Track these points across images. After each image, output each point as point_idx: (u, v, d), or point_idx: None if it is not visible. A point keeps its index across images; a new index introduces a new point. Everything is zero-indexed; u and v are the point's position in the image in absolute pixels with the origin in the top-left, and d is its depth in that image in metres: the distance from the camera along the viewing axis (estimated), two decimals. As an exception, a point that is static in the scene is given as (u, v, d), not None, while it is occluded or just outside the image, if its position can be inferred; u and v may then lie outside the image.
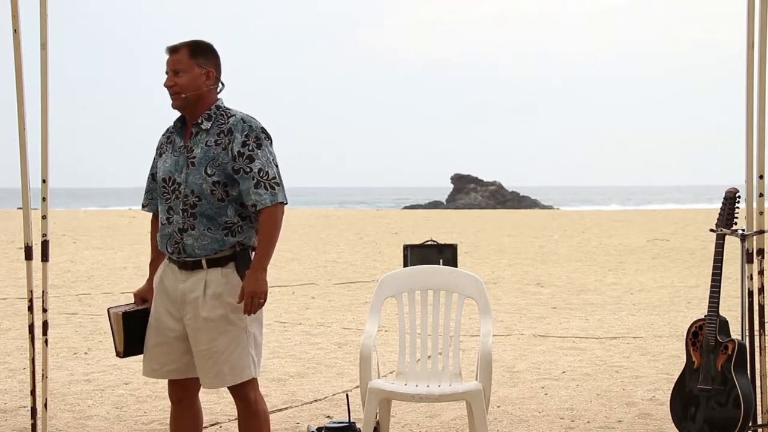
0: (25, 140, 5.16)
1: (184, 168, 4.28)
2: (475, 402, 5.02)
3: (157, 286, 4.42)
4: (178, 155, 4.32)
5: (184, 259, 4.28)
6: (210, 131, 4.29)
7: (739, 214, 5.33)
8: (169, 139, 4.42)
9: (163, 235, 4.35)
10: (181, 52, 4.30)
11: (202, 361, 4.31)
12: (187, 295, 4.29)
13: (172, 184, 4.31)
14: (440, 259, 8.06)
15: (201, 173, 4.24)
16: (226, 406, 6.56)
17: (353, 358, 8.12)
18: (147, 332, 4.42)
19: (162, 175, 4.35)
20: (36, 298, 5.33)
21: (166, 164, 4.35)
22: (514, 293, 13.18)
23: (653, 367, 7.89)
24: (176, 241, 4.28)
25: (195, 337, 4.30)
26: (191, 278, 4.28)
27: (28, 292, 5.30)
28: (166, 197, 4.32)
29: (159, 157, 4.44)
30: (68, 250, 19.78)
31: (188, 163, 4.27)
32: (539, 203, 58.26)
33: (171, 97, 4.32)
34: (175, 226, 4.28)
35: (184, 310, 4.31)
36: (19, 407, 6.53)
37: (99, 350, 8.77)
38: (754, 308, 5.28)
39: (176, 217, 4.28)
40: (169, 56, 4.33)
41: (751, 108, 5.24)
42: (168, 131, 4.46)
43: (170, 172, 4.32)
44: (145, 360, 4.45)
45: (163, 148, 4.43)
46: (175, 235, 4.28)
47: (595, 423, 6.13)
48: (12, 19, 5.15)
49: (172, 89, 4.30)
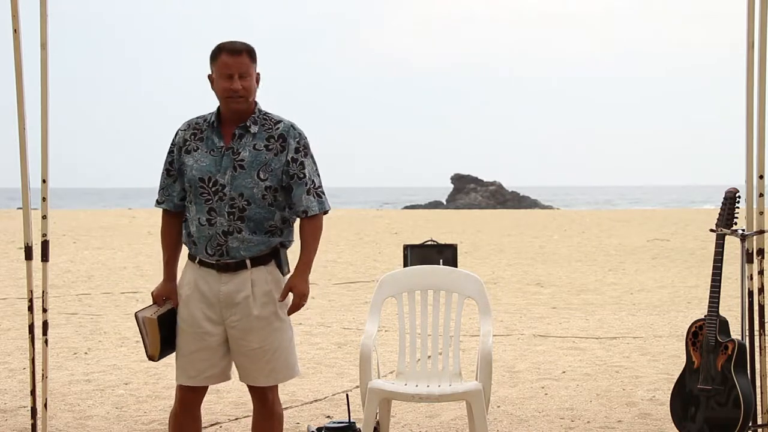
0: (25, 140, 5.16)
1: (229, 170, 4.23)
2: (475, 402, 5.02)
3: (190, 291, 4.31)
4: (219, 156, 4.25)
5: (225, 261, 4.25)
6: (258, 135, 4.27)
7: (739, 214, 5.33)
8: (196, 137, 4.31)
9: (201, 237, 4.25)
10: (243, 56, 4.24)
11: (254, 360, 4.30)
12: (233, 296, 4.25)
13: (213, 185, 4.23)
14: (440, 259, 8.06)
15: (252, 177, 4.23)
16: (226, 406, 6.56)
17: (353, 358, 8.12)
18: (182, 339, 4.33)
19: (198, 174, 4.25)
20: (36, 298, 5.33)
21: (203, 164, 4.26)
22: (514, 293, 13.18)
23: (653, 367, 7.89)
24: (219, 244, 4.23)
25: (245, 338, 4.27)
26: (235, 279, 4.26)
27: (28, 292, 5.30)
28: (206, 198, 4.23)
29: (187, 154, 4.29)
30: (68, 250, 19.78)
31: (235, 165, 4.22)
32: (539, 203, 58.24)
33: (235, 100, 4.23)
34: (219, 229, 4.22)
35: (228, 312, 4.27)
36: (19, 407, 6.53)
37: (99, 350, 8.77)
38: (754, 308, 5.28)
39: (220, 219, 4.22)
40: (230, 58, 4.23)
41: (751, 108, 5.24)
42: (191, 128, 4.34)
43: (210, 173, 4.24)
44: (180, 367, 4.35)
45: (191, 146, 4.30)
46: (219, 237, 4.23)
47: (595, 423, 6.13)
48: (12, 19, 5.15)
49: (238, 93, 4.24)
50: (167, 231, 4.43)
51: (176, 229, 4.41)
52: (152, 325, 4.29)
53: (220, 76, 4.23)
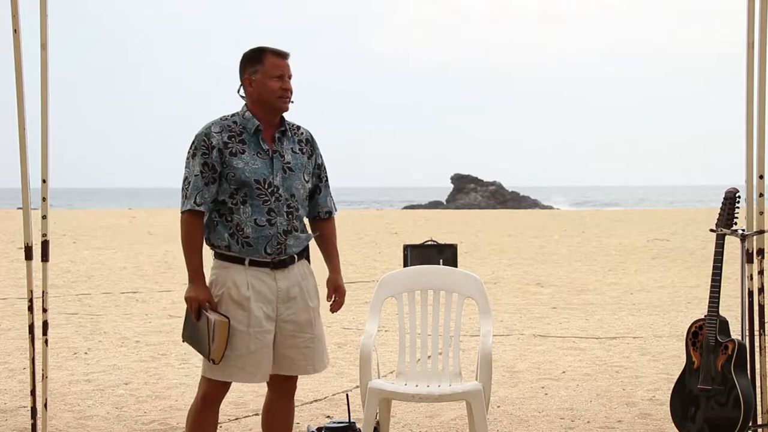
0: (25, 140, 5.16)
1: (279, 172, 4.36)
2: (475, 402, 5.02)
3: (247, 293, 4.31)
4: (268, 159, 4.35)
5: (280, 258, 4.37)
6: (291, 139, 4.46)
7: (739, 214, 5.33)
8: (236, 139, 4.33)
9: (259, 237, 4.31)
10: (288, 59, 4.43)
11: (305, 351, 4.45)
12: (290, 290, 4.40)
13: (268, 186, 4.32)
14: (440, 259, 8.06)
15: (300, 179, 4.43)
16: (226, 406, 6.56)
17: (353, 358, 8.12)
18: (240, 340, 4.30)
19: (252, 176, 4.30)
20: (36, 298, 5.33)
21: (254, 166, 4.32)
22: (514, 293, 13.18)
23: (653, 367, 7.89)
24: (279, 242, 4.35)
25: (301, 330, 4.43)
26: (288, 274, 4.40)
27: (28, 292, 5.29)
28: (264, 199, 4.32)
29: (232, 156, 4.30)
30: (68, 250, 19.78)
31: (284, 168, 4.37)
32: (539, 203, 58.25)
33: (285, 100, 4.38)
34: (279, 228, 4.35)
35: (283, 307, 4.38)
36: (19, 407, 6.53)
37: (99, 350, 8.77)
38: (754, 308, 5.28)
39: (280, 219, 4.35)
40: (280, 60, 4.39)
41: (751, 108, 5.24)
42: (226, 130, 4.34)
43: (263, 175, 4.32)
44: (238, 368, 4.33)
45: (235, 148, 4.32)
46: (279, 236, 4.35)
47: (595, 423, 6.13)
48: (12, 19, 5.15)
49: (289, 93, 4.39)
50: (199, 234, 4.36)
51: (202, 231, 4.39)
52: (224, 327, 4.26)
53: (270, 77, 4.35)
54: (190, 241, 4.35)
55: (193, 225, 4.34)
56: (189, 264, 4.34)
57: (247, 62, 4.40)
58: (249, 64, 4.39)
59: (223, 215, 4.34)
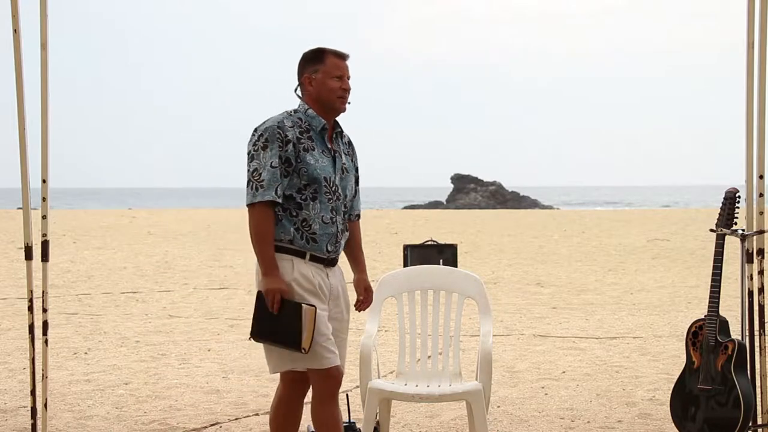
0: (25, 140, 5.16)
1: (339, 172, 4.44)
2: (475, 402, 5.02)
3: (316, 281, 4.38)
4: (331, 158, 4.42)
5: (333, 256, 4.47)
6: (342, 141, 4.54)
7: (739, 214, 5.33)
8: (305, 136, 4.36)
9: (324, 234, 4.38)
10: (347, 60, 4.47)
11: (342, 349, 4.57)
12: (336, 288, 4.50)
13: (332, 185, 4.40)
14: (440, 259, 8.06)
15: (351, 181, 4.54)
16: (227, 407, 6.57)
17: (353, 358, 8.10)
18: (323, 323, 4.34)
19: (322, 173, 4.35)
20: (36, 298, 5.32)
21: (323, 164, 4.37)
22: (514, 293, 13.18)
23: (653, 367, 7.89)
24: (337, 241, 4.46)
25: (342, 327, 4.55)
26: (335, 272, 4.51)
27: (28, 292, 5.29)
28: (329, 197, 4.38)
29: (305, 152, 4.33)
30: (68, 250, 19.78)
31: (342, 168, 4.46)
32: (539, 203, 58.24)
33: (342, 101, 4.42)
34: (338, 227, 4.44)
35: (332, 304, 4.47)
36: (19, 407, 6.53)
37: (99, 350, 8.77)
38: (754, 308, 5.28)
39: (339, 218, 4.44)
40: (340, 61, 4.44)
41: (751, 108, 5.24)
42: (296, 126, 4.36)
43: (329, 174, 4.39)
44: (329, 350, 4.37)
45: (306, 144, 4.35)
46: (339, 235, 4.46)
47: (595, 423, 6.13)
48: (12, 19, 5.14)
49: (347, 93, 4.44)
50: (272, 226, 4.31)
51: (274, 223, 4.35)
52: (312, 314, 4.26)
53: (331, 77, 4.39)
54: (265, 232, 4.29)
55: (269, 216, 4.29)
56: (264, 256, 4.28)
57: (308, 62, 4.44)
58: (309, 64, 4.43)
59: (287, 210, 4.33)
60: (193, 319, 10.81)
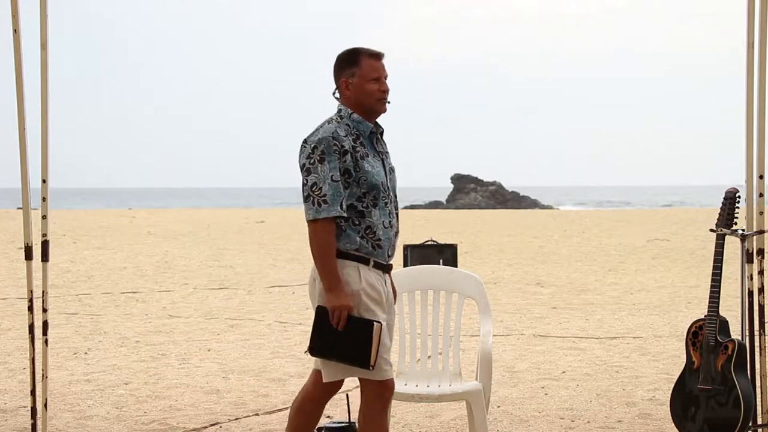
0: (25, 140, 5.16)
1: (388, 174, 4.37)
2: (475, 402, 5.02)
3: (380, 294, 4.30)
4: (380, 161, 4.35)
5: (390, 262, 4.39)
6: (383, 141, 4.45)
7: (739, 214, 5.33)
8: (358, 142, 4.29)
9: (386, 240, 4.31)
10: (383, 60, 4.38)
11: None
12: (390, 295, 4.42)
13: (386, 189, 4.34)
14: (440, 259, 8.09)
15: (396, 180, 4.46)
16: (227, 407, 6.57)
17: (353, 358, 8.10)
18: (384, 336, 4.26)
19: (379, 179, 4.28)
20: (36, 298, 5.33)
21: (377, 169, 4.30)
22: (514, 293, 13.18)
23: (653, 367, 7.89)
24: (394, 245, 4.39)
25: (389, 335, 4.38)
26: (389, 280, 4.42)
27: (28, 292, 5.29)
28: (386, 202, 4.32)
29: (362, 160, 4.25)
30: (68, 250, 19.77)
31: (389, 169, 4.40)
32: (539, 203, 58.23)
33: (382, 103, 4.35)
34: (395, 229, 4.39)
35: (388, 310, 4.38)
36: (19, 407, 6.53)
37: (99, 350, 8.77)
38: (754, 308, 5.28)
39: (395, 222, 4.38)
40: (377, 62, 4.33)
41: (751, 108, 5.24)
42: (349, 133, 4.28)
43: (383, 178, 4.32)
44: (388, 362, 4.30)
45: (361, 152, 4.27)
46: (394, 239, 4.39)
47: (595, 423, 6.13)
48: (12, 19, 5.15)
49: (386, 94, 4.36)
50: (334, 241, 4.23)
51: None
52: (379, 332, 4.22)
53: (368, 79, 4.29)
54: (329, 248, 4.20)
55: (332, 230, 4.20)
56: (329, 271, 4.19)
57: (343, 65, 4.32)
58: (345, 67, 4.31)
59: (349, 219, 4.23)
60: (193, 319, 10.82)
